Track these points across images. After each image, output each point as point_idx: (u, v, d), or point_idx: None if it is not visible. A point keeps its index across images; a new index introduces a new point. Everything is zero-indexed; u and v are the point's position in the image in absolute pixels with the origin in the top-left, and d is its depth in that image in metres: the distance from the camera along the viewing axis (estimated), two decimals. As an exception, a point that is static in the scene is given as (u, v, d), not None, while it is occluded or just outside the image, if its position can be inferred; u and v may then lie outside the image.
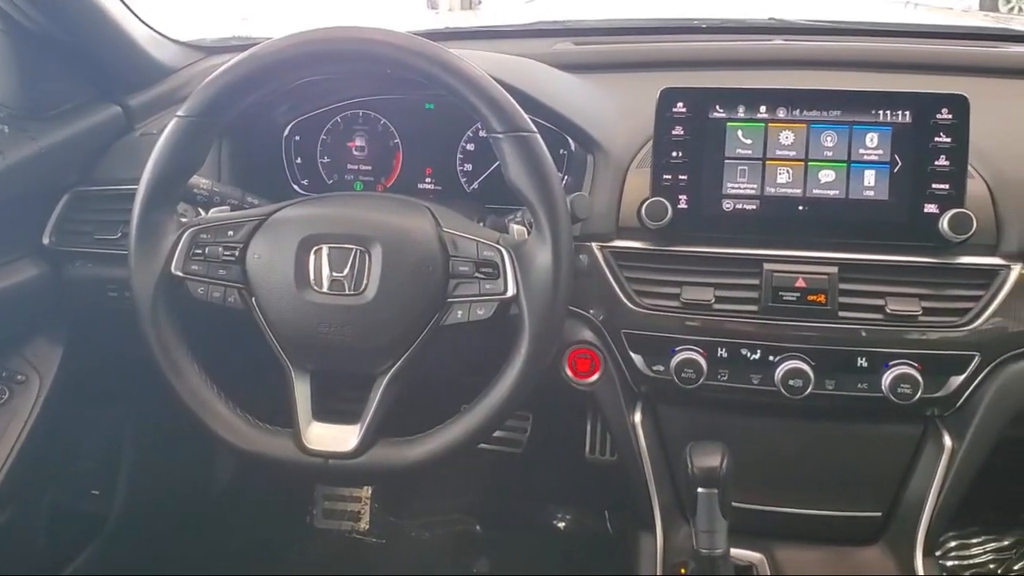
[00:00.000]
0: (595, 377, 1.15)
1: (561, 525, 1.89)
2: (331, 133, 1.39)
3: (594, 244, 1.12)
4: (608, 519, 1.84)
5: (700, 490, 1.01)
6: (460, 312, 0.97)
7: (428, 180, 1.36)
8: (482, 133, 1.32)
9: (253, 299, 1.00)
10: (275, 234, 1.00)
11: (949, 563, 1.70)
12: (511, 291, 0.95)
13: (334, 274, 0.98)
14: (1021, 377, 1.07)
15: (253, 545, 1.82)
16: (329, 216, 1.01)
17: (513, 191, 0.96)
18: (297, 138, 1.39)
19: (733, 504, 1.02)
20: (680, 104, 1.08)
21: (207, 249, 1.01)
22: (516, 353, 0.96)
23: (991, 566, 1.71)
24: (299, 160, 1.40)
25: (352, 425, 0.98)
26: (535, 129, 0.95)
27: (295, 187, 1.39)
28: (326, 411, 1.01)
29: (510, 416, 1.00)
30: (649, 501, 1.19)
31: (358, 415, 0.98)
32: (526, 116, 0.95)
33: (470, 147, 1.34)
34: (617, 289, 1.11)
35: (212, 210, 1.11)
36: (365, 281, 0.97)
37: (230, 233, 1.01)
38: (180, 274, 1.00)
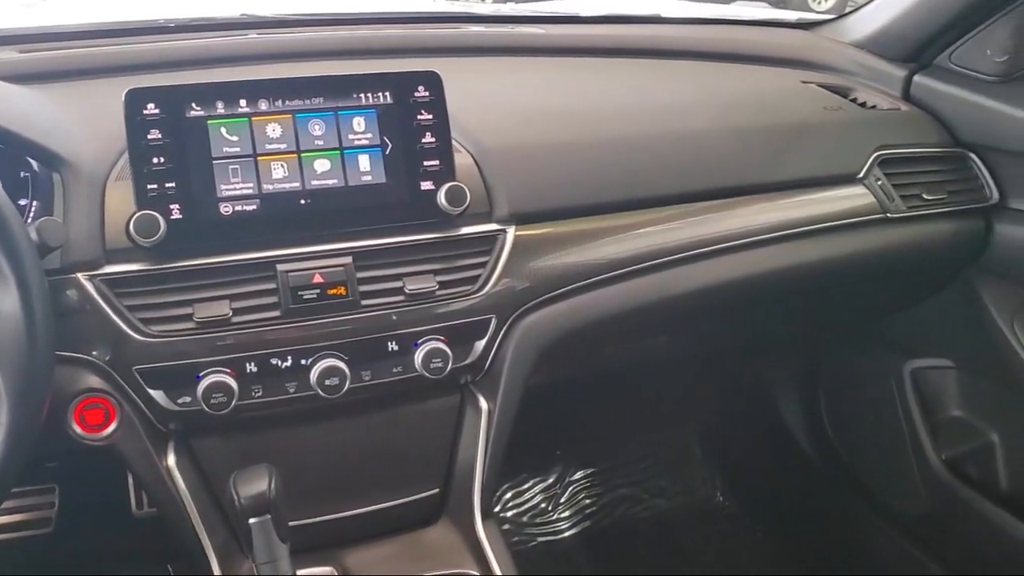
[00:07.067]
0: (112, 427, 0.99)
1: (119, 595, 1.67)
2: None
3: (80, 274, 0.96)
4: (171, 572, 1.67)
5: (251, 520, 0.92)
6: None
7: None
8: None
9: None
10: None
11: (509, 514, 1.84)
12: None
13: None
14: (531, 329, 1.15)
15: None
16: None
17: None
18: None
19: (291, 524, 0.96)
20: (151, 105, 0.97)
21: None
22: None
23: (543, 504, 1.89)
24: None
25: None
26: None
27: None
28: None
29: (5, 499, 0.82)
30: (201, 546, 1.07)
31: None
32: None
33: None
34: (118, 321, 0.97)
35: None
36: None
37: None
38: None
